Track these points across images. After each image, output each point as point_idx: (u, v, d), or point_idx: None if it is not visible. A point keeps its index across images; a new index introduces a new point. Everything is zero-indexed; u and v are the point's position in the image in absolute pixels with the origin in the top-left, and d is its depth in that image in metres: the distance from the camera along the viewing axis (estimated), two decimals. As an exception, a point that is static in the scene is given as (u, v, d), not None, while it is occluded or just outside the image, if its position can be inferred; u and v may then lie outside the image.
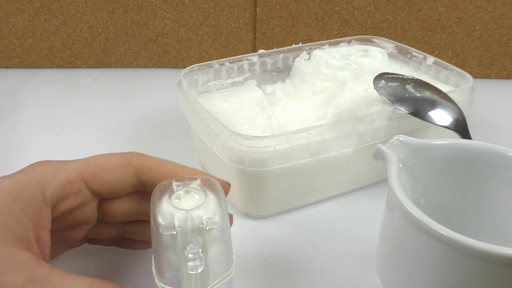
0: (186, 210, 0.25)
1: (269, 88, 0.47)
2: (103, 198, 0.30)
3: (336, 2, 0.62)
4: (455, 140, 0.31)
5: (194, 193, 0.27)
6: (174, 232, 0.25)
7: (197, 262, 0.25)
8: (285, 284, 0.33)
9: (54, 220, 0.28)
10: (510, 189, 0.29)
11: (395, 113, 0.39)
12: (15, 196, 0.26)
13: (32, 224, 0.26)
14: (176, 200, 0.26)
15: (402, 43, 0.52)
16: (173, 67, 0.68)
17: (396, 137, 0.29)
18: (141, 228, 0.32)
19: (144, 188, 0.30)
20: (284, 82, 0.49)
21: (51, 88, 0.62)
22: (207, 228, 0.25)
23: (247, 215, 0.39)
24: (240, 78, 0.48)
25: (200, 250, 0.25)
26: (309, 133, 0.36)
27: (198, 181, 0.27)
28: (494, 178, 0.30)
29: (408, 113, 0.39)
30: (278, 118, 0.44)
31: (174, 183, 0.27)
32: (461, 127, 0.39)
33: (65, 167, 0.28)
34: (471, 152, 0.30)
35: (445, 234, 0.23)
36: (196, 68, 0.46)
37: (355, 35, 0.58)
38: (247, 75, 0.48)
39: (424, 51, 0.51)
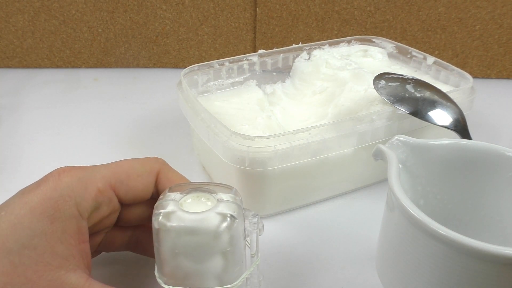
0: (220, 199, 0.27)
1: (269, 88, 0.47)
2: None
3: (336, 2, 0.62)
4: (455, 140, 0.31)
5: (191, 199, 0.27)
6: (237, 220, 0.26)
7: (261, 225, 0.28)
8: (285, 284, 0.33)
9: None
10: (510, 189, 0.29)
11: (395, 113, 0.39)
12: (51, 215, 0.25)
13: (74, 241, 0.26)
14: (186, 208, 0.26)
15: (402, 43, 0.52)
16: (173, 67, 0.68)
17: (396, 137, 0.29)
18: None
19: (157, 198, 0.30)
20: (284, 82, 0.49)
21: (51, 88, 0.62)
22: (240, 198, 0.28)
23: (247, 215, 0.39)
24: (240, 78, 0.48)
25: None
26: (309, 133, 0.36)
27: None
28: (494, 178, 0.30)
29: (408, 113, 0.39)
30: (278, 118, 0.44)
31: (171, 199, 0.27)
32: (461, 127, 0.39)
33: (93, 176, 0.28)
34: (471, 152, 0.30)
35: (444, 234, 0.23)
36: (196, 68, 0.46)
37: (355, 35, 0.58)
38: (247, 75, 0.48)
39: (424, 51, 0.51)
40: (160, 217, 0.25)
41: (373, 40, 0.53)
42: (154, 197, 0.30)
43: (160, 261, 0.26)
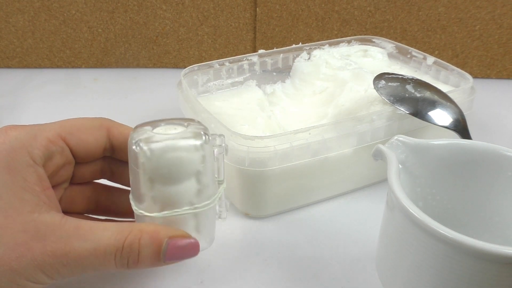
0: (188, 124, 0.28)
1: (269, 88, 0.47)
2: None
3: (336, 2, 0.62)
4: (455, 140, 0.31)
5: (164, 128, 0.29)
6: (209, 137, 0.28)
7: (226, 146, 0.30)
8: (285, 284, 0.33)
9: None
10: (509, 189, 0.29)
11: (395, 113, 0.39)
12: (6, 166, 0.26)
13: (38, 188, 0.26)
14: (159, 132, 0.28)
15: (402, 43, 0.52)
16: (173, 67, 0.68)
17: (395, 137, 0.29)
18: (112, 200, 0.33)
19: (112, 154, 0.31)
20: (284, 82, 0.49)
21: (51, 88, 0.62)
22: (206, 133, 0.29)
23: (247, 215, 0.39)
24: (240, 78, 0.48)
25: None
26: (309, 133, 0.36)
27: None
28: (493, 178, 0.30)
29: (408, 113, 0.39)
30: (278, 118, 0.44)
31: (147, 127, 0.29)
32: (461, 127, 0.39)
33: (41, 129, 0.28)
34: (471, 152, 0.30)
35: (445, 233, 0.23)
36: (196, 68, 0.46)
37: (355, 35, 0.58)
38: (247, 75, 0.48)
39: (424, 51, 0.51)
40: (141, 143, 0.27)
41: (373, 40, 0.53)
42: (107, 155, 0.31)
43: (139, 192, 0.27)
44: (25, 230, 0.25)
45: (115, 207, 0.33)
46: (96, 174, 0.32)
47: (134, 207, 0.28)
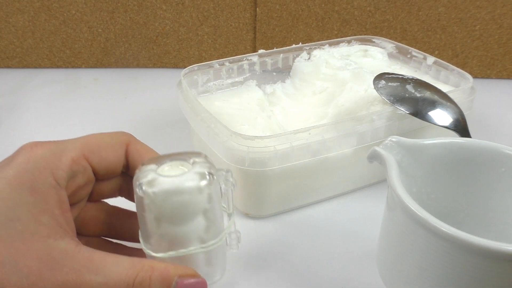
0: (194, 162, 0.28)
1: (269, 88, 0.47)
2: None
3: (336, 2, 0.62)
4: (447, 138, 0.30)
5: (169, 166, 0.28)
6: (214, 176, 0.27)
7: (234, 181, 0.29)
8: (285, 284, 0.33)
9: None
10: (502, 185, 0.29)
11: (395, 113, 0.39)
12: (29, 186, 0.26)
13: (57, 211, 0.26)
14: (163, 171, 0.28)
15: (402, 43, 0.52)
16: (173, 67, 0.68)
17: (389, 139, 0.29)
18: (126, 223, 0.33)
19: (126, 171, 0.31)
20: (284, 82, 0.49)
21: (51, 88, 0.62)
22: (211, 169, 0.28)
23: (247, 215, 0.39)
24: (240, 78, 0.48)
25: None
26: (309, 133, 0.36)
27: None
28: (486, 175, 0.30)
29: (408, 113, 0.39)
30: (278, 118, 0.44)
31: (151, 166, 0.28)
32: (461, 127, 0.39)
33: (65, 148, 0.28)
34: (466, 150, 0.30)
35: (447, 231, 0.23)
36: (196, 68, 0.46)
37: (355, 35, 0.58)
38: (247, 75, 0.48)
39: (424, 51, 0.51)
40: (144, 186, 0.26)
41: (373, 40, 0.53)
42: (123, 171, 0.31)
43: (146, 231, 0.27)
44: (40, 257, 0.25)
45: (127, 232, 0.33)
46: (114, 192, 0.32)
47: (142, 246, 0.28)
